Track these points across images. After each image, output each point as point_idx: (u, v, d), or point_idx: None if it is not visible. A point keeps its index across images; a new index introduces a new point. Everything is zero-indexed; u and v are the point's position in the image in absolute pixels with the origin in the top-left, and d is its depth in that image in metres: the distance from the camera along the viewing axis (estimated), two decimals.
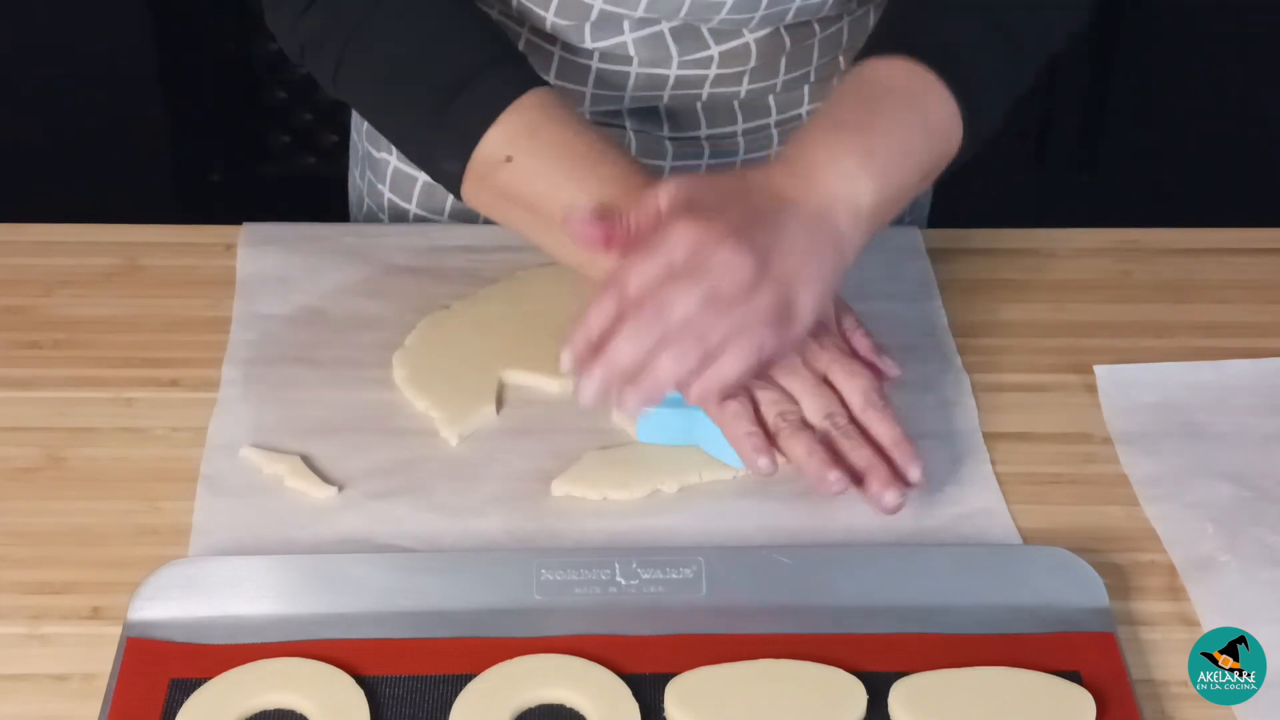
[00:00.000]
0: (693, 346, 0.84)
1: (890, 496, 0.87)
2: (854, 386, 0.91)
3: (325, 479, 0.92)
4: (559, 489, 0.91)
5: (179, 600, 0.83)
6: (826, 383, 0.91)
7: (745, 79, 1.10)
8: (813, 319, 0.89)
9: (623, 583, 0.84)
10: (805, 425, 0.90)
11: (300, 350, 1.01)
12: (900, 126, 0.92)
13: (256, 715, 0.78)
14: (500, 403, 0.98)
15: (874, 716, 0.78)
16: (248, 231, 1.11)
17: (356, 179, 1.24)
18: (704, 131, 1.14)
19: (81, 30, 2.04)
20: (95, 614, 0.84)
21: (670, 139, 1.14)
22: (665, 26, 1.06)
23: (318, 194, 1.39)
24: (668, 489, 0.92)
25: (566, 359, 0.85)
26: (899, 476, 0.88)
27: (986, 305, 1.07)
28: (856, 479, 0.88)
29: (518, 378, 0.99)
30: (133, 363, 1.00)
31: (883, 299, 1.05)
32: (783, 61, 1.10)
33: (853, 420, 0.90)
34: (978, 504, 0.92)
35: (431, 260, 1.09)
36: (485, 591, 0.84)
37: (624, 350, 0.84)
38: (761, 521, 0.90)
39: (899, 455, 0.89)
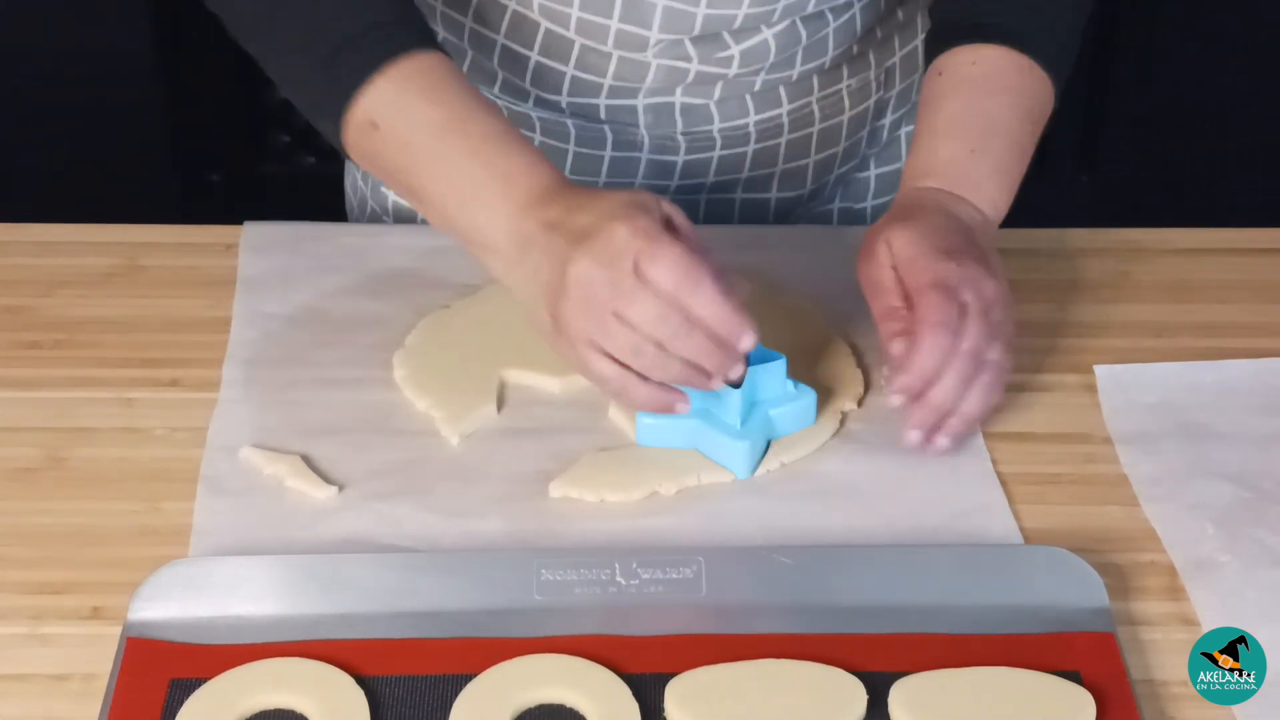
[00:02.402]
0: (998, 381, 0.94)
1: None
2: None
3: (325, 479, 0.92)
4: (556, 490, 0.91)
5: (179, 600, 0.83)
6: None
7: (761, 74, 1.11)
8: None
9: (623, 583, 0.84)
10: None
11: (301, 350, 1.01)
12: (1017, 130, 1.02)
13: (256, 715, 0.78)
14: (501, 402, 0.98)
15: (874, 716, 0.78)
16: (249, 232, 1.11)
17: (359, 180, 1.24)
18: (717, 126, 1.14)
19: (81, 30, 2.03)
20: (95, 614, 0.84)
21: (684, 135, 1.14)
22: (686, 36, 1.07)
23: (318, 194, 1.38)
24: (665, 491, 0.92)
25: (897, 399, 0.92)
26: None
27: None
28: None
29: (519, 377, 0.99)
30: (133, 363, 1.00)
31: None
32: (799, 54, 1.11)
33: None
34: (978, 503, 0.92)
35: (432, 260, 1.09)
36: (485, 592, 0.84)
37: (948, 394, 0.92)
38: (761, 522, 0.90)
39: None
